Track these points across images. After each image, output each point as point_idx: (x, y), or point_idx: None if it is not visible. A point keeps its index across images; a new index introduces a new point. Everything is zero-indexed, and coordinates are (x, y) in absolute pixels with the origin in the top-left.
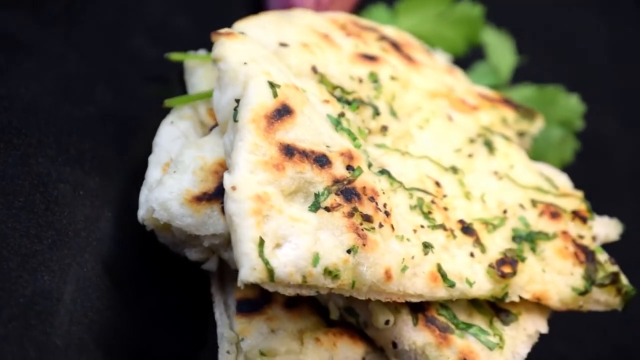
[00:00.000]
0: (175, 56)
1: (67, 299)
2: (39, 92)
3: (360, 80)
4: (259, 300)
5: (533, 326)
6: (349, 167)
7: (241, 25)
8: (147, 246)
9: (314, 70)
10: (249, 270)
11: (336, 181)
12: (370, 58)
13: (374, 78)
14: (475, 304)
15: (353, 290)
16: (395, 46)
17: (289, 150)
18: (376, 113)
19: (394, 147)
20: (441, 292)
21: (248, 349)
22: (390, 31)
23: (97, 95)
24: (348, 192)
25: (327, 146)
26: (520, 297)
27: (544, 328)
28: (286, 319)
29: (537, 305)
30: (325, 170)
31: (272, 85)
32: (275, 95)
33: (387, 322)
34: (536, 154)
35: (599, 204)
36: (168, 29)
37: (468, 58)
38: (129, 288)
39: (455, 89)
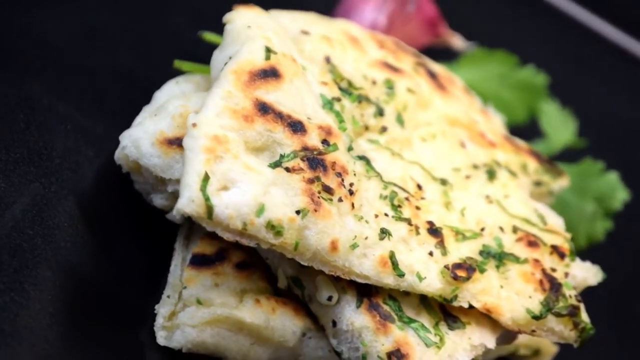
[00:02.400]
0: (208, 36)
1: (17, 209)
2: (62, 34)
3: (374, 82)
4: (213, 258)
5: (480, 338)
6: (324, 142)
7: (275, 11)
8: (121, 192)
9: (327, 60)
10: (187, 201)
11: (306, 149)
12: (393, 68)
13: (389, 85)
14: (426, 305)
15: (296, 253)
16: (431, 74)
17: (263, 108)
18: (379, 114)
19: (386, 145)
20: (388, 280)
21: (187, 297)
22: (435, 65)
23: (117, 53)
24: (315, 160)
25: (308, 118)
26: (471, 306)
27: (490, 343)
28: (233, 277)
29: (489, 320)
30: (298, 136)
31: (269, 49)
32: (267, 58)
33: (329, 298)
34: (565, 223)
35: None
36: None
37: (525, 129)
38: (88, 222)
39: (479, 124)
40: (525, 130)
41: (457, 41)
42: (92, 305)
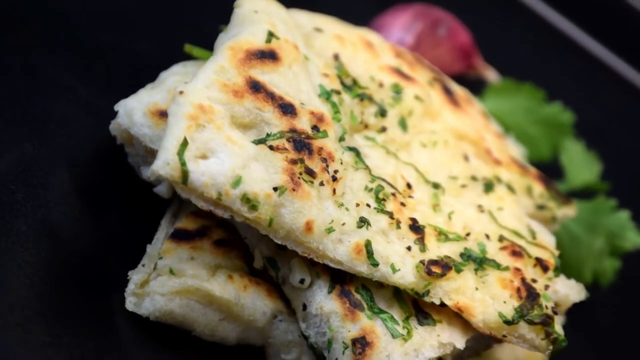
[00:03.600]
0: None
1: (2, 163)
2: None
3: (381, 85)
4: (194, 233)
5: (449, 337)
6: (314, 127)
7: (295, 10)
8: (114, 163)
9: (335, 57)
10: (162, 163)
11: (294, 131)
12: (404, 76)
13: (397, 89)
14: (399, 299)
15: (270, 229)
16: (447, 90)
17: (255, 86)
18: (381, 114)
19: (383, 144)
20: (361, 268)
21: (161, 267)
22: (455, 85)
23: (133, 35)
24: (301, 143)
25: (302, 103)
26: (443, 304)
27: (460, 343)
28: (210, 252)
29: (462, 321)
30: (287, 118)
31: (271, 34)
32: (268, 41)
33: (302, 281)
34: (573, 257)
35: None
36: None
37: (548, 166)
38: (76, 188)
39: (487, 141)
40: (547, 167)
41: (490, 74)
42: (64, 265)
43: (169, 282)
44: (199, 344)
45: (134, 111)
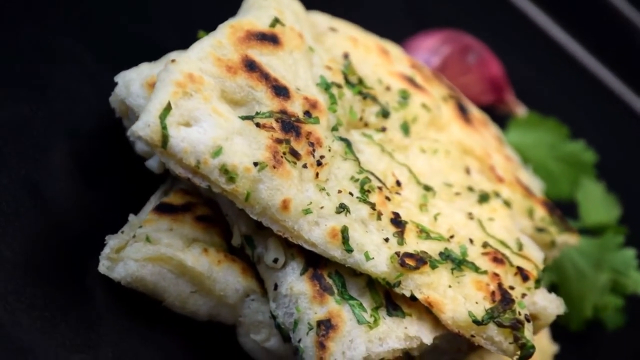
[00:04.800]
0: None
1: None
2: None
3: (388, 88)
4: (179, 208)
5: (417, 331)
6: (306, 113)
7: (315, 11)
8: (111, 136)
9: (345, 56)
10: (143, 124)
11: (284, 112)
12: (415, 85)
13: (404, 95)
14: (371, 289)
15: (247, 204)
16: (462, 108)
17: (251, 65)
18: (383, 115)
19: (379, 142)
20: (335, 252)
21: (139, 234)
22: (473, 107)
23: (152, 19)
24: (289, 124)
25: (297, 88)
26: (414, 298)
27: (427, 339)
28: (189, 225)
29: (432, 318)
30: (279, 100)
31: (277, 20)
32: (272, 26)
33: (275, 260)
34: (576, 291)
35: None
36: None
37: (567, 205)
38: (68, 153)
39: (493, 159)
40: (563, 205)
41: (520, 110)
42: (41, 223)
43: (144, 248)
44: (170, 318)
45: (131, 82)
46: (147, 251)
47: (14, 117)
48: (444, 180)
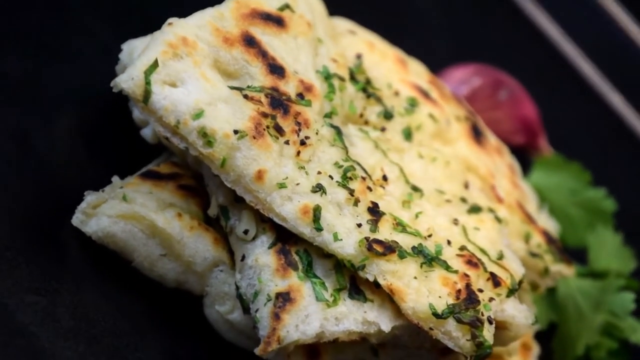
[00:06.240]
0: None
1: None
2: None
3: (396, 94)
4: (164, 176)
5: (376, 317)
6: (299, 95)
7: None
8: (114, 105)
9: (358, 56)
10: (127, 77)
11: (275, 90)
12: (427, 97)
13: (413, 103)
14: (338, 272)
15: (222, 170)
16: (476, 131)
17: (250, 41)
18: (385, 116)
19: (375, 139)
20: (304, 229)
21: (117, 193)
22: (491, 135)
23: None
24: (278, 102)
25: (295, 71)
26: (378, 285)
27: (385, 326)
28: (168, 191)
29: (395, 308)
30: (273, 77)
31: (287, 5)
32: (280, 9)
33: (246, 232)
34: (573, 330)
35: None
36: None
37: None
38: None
39: (497, 181)
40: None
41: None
42: (24, 173)
43: (118, 205)
44: (138, 282)
45: (135, 50)
46: (121, 208)
47: (17, 71)
48: (437, 187)
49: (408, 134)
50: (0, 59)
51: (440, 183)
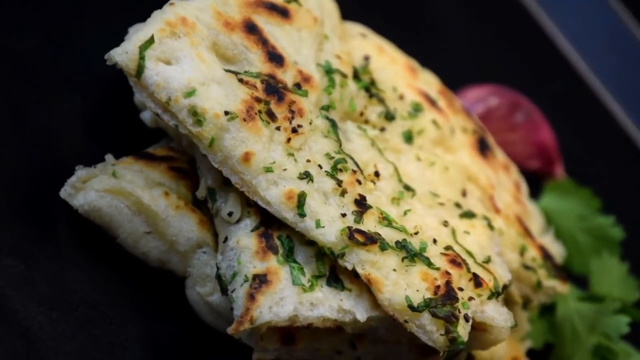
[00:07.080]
0: None
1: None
2: None
3: (401, 97)
4: (157, 158)
5: (352, 306)
6: (297, 85)
7: (353, 22)
8: (118, 88)
9: (365, 58)
10: (121, 51)
11: (272, 77)
12: (434, 104)
13: (417, 108)
14: (319, 260)
15: (209, 149)
16: (482, 143)
17: (252, 28)
18: (386, 117)
19: (372, 138)
20: (287, 214)
21: (107, 169)
22: (499, 152)
23: None
24: (273, 88)
25: (295, 62)
26: (356, 275)
27: (361, 316)
28: (159, 172)
29: (372, 298)
30: (271, 65)
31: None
32: (288, 2)
33: (230, 214)
34: (568, 350)
35: None
36: None
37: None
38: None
39: (497, 193)
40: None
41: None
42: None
43: (106, 180)
44: (122, 260)
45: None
46: (109, 183)
47: (20, 46)
48: (431, 190)
49: (409, 137)
50: (7, 33)
51: (436, 187)
